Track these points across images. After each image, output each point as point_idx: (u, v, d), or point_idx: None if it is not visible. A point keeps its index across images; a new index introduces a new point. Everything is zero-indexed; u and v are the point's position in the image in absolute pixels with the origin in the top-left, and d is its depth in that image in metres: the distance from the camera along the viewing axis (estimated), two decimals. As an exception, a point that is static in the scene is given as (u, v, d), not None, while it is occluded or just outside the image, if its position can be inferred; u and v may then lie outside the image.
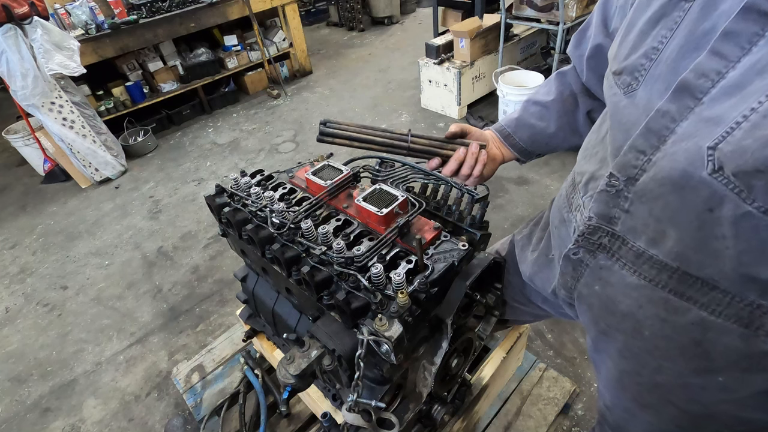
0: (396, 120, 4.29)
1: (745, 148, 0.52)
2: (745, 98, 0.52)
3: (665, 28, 0.64)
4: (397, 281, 0.93)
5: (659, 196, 0.64)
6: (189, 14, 4.25)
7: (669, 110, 0.61)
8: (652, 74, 0.65)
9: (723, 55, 0.55)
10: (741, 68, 0.53)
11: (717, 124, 0.55)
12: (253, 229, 1.10)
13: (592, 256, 0.78)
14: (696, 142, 0.57)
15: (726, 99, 0.55)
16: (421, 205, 1.12)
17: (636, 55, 0.68)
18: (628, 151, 0.67)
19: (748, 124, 0.52)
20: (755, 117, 0.51)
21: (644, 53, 0.66)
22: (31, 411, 2.19)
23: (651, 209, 0.66)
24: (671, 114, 0.60)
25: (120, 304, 2.71)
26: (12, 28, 3.06)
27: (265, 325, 1.59)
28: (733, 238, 0.57)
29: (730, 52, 0.54)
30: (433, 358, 1.11)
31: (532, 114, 1.10)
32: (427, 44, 4.02)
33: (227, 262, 2.89)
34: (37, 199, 3.88)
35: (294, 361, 0.95)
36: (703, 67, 0.57)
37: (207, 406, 1.80)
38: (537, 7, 3.45)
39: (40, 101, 3.35)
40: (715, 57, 0.56)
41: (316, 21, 7.65)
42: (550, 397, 1.70)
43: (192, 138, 4.52)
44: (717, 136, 0.55)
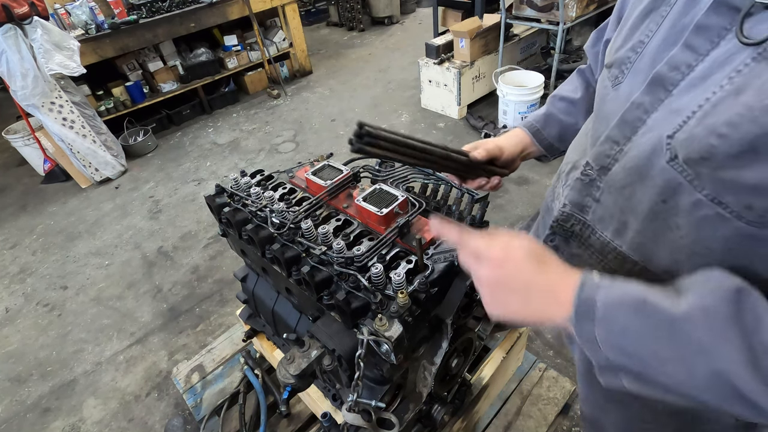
0: (396, 120, 4.29)
1: (695, 136, 0.53)
2: (705, 89, 0.54)
3: (653, 22, 0.65)
4: (397, 281, 0.93)
5: (625, 186, 0.65)
6: (189, 14, 4.25)
7: (643, 102, 0.62)
8: (636, 67, 0.66)
9: (694, 48, 0.56)
10: (708, 61, 0.55)
11: (678, 114, 0.57)
12: (253, 229, 1.10)
13: (566, 243, 0.80)
14: (659, 132, 0.59)
15: (691, 90, 0.56)
16: (421, 205, 1.12)
17: (625, 48, 0.69)
18: (604, 142, 0.69)
19: (701, 114, 0.53)
20: (707, 106, 0.53)
21: (632, 47, 0.67)
22: (31, 411, 2.19)
23: (617, 199, 0.67)
24: (644, 106, 0.62)
25: (120, 304, 2.71)
26: (12, 28, 3.06)
27: (265, 325, 1.59)
28: (687, 228, 0.58)
29: (701, 45, 0.56)
30: (433, 358, 1.11)
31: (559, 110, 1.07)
32: (427, 44, 4.02)
33: (227, 262, 2.89)
34: (37, 199, 3.88)
35: (294, 361, 0.95)
36: (676, 60, 0.58)
37: (207, 406, 1.80)
38: (537, 7, 3.45)
39: (40, 101, 3.35)
40: (687, 50, 0.57)
41: (316, 21, 7.66)
42: (550, 397, 1.70)
43: (192, 138, 4.52)
44: (675, 126, 0.56)
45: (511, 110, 3.58)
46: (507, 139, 1.03)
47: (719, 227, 0.55)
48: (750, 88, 0.49)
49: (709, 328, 0.48)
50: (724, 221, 0.54)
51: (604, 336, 0.54)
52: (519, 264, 0.60)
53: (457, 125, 4.05)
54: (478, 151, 0.94)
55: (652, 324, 0.52)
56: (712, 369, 0.48)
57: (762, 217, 0.51)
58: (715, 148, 0.51)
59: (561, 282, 0.59)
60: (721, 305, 0.48)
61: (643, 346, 0.53)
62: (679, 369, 0.51)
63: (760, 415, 0.49)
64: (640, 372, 0.55)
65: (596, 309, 0.54)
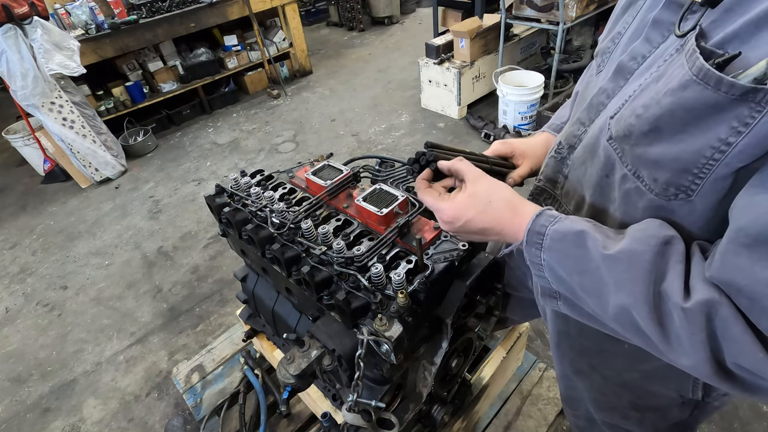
0: (396, 120, 4.29)
1: (622, 117, 0.60)
2: (643, 77, 0.60)
3: (630, 15, 0.70)
4: (397, 281, 0.93)
5: (583, 163, 0.72)
6: (189, 14, 4.25)
7: (607, 88, 0.68)
8: (612, 57, 0.71)
9: (650, 40, 0.62)
10: (656, 52, 0.60)
11: (622, 98, 0.63)
12: (253, 229, 1.10)
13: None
14: (608, 113, 0.65)
15: (638, 78, 0.62)
16: (421, 205, 1.12)
17: (607, 39, 0.74)
18: (574, 123, 0.76)
19: (632, 98, 0.60)
20: (638, 91, 0.60)
21: (612, 38, 0.73)
22: (31, 411, 2.19)
23: (578, 175, 0.75)
24: (608, 92, 0.68)
25: (120, 304, 2.71)
26: (12, 28, 3.06)
27: (265, 325, 1.59)
28: (618, 200, 0.65)
29: (655, 38, 0.61)
30: (433, 358, 1.11)
31: None
32: (427, 44, 4.02)
33: (227, 262, 2.89)
34: (37, 199, 3.88)
35: (294, 361, 0.95)
36: (635, 51, 0.64)
37: (207, 406, 1.80)
38: (537, 7, 3.45)
39: (40, 101, 3.35)
40: (645, 42, 0.63)
41: (316, 21, 7.65)
42: (550, 397, 1.70)
43: (192, 138, 4.52)
44: (617, 108, 0.63)
45: (511, 110, 3.58)
46: (527, 140, 1.01)
47: (638, 199, 0.62)
48: (665, 75, 0.55)
49: (627, 269, 0.57)
50: (641, 194, 0.61)
51: (548, 262, 0.65)
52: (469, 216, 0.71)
53: (457, 125, 4.05)
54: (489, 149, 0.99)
55: (584, 257, 0.61)
56: (619, 304, 0.58)
57: (666, 190, 0.57)
58: (633, 126, 0.58)
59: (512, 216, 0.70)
60: (645, 252, 0.56)
61: (573, 275, 0.63)
62: (595, 300, 0.62)
63: (653, 349, 0.59)
64: (569, 298, 0.69)
65: (545, 237, 0.64)
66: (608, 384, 0.91)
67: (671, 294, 0.53)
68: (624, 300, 0.57)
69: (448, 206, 0.72)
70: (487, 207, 0.70)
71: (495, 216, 0.70)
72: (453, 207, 0.72)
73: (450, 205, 0.72)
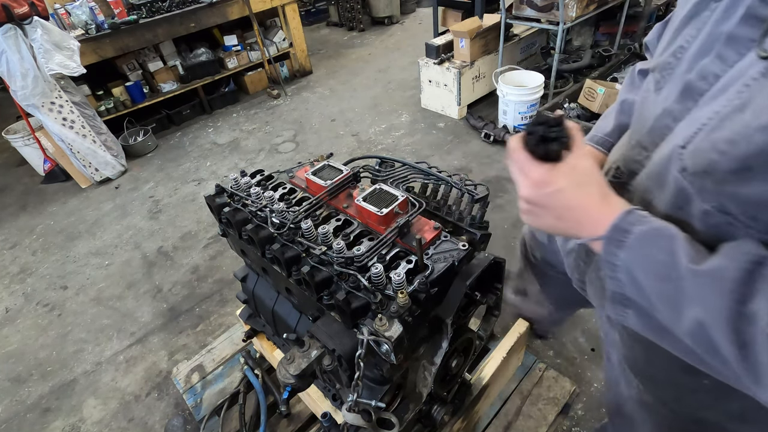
0: (396, 120, 4.29)
1: (700, 150, 0.54)
2: (719, 102, 0.54)
3: (694, 28, 0.63)
4: (397, 281, 0.93)
5: (647, 191, 0.67)
6: (189, 14, 4.25)
7: (673, 110, 0.62)
8: (675, 73, 0.64)
9: (724, 58, 0.55)
10: (731, 72, 0.54)
11: (693, 125, 0.57)
12: (253, 229, 1.10)
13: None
14: (677, 141, 0.59)
15: (711, 102, 0.56)
16: (421, 205, 1.12)
17: (667, 52, 0.68)
18: (634, 146, 0.70)
19: (709, 127, 0.54)
20: (716, 120, 0.53)
21: (673, 52, 0.66)
22: (31, 411, 2.19)
23: (643, 204, 0.68)
24: (674, 114, 0.62)
25: (120, 304, 2.71)
26: (12, 28, 3.06)
27: (265, 325, 1.59)
28: (704, 232, 0.59)
29: (729, 56, 0.55)
30: (433, 358, 1.11)
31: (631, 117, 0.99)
32: (427, 44, 4.02)
33: (227, 262, 2.88)
34: (37, 199, 3.88)
35: (294, 361, 0.95)
36: (706, 70, 0.57)
37: (207, 406, 1.80)
38: (537, 7, 3.45)
39: (40, 101, 3.35)
40: (717, 60, 0.56)
41: (316, 21, 7.65)
42: (550, 397, 1.70)
43: (192, 138, 4.52)
44: (687, 137, 0.57)
45: (511, 110, 3.58)
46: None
47: (732, 232, 0.55)
48: (752, 104, 0.48)
49: (711, 282, 0.51)
50: (735, 228, 0.55)
51: (625, 263, 0.59)
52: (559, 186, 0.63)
53: (457, 125, 4.05)
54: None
55: (670, 263, 0.55)
56: (696, 318, 0.53)
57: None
58: (716, 163, 0.51)
59: (598, 204, 0.62)
60: (733, 269, 0.50)
61: (653, 281, 0.58)
62: (671, 311, 0.57)
63: (733, 377, 0.53)
64: (642, 307, 0.62)
65: (629, 235, 0.58)
66: (679, 419, 0.83)
67: (760, 317, 0.47)
68: (702, 315, 0.52)
69: (543, 169, 0.63)
70: (582, 183, 0.62)
71: (585, 196, 0.62)
72: (546, 171, 0.63)
73: (544, 169, 0.63)
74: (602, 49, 4.26)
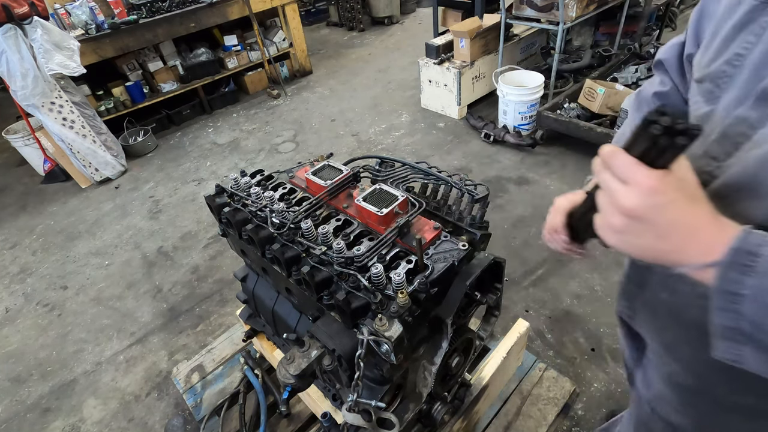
0: (396, 120, 4.29)
1: None
2: None
3: (751, 34, 0.61)
4: (397, 281, 0.93)
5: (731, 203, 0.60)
6: (189, 14, 4.25)
7: (748, 117, 0.59)
8: (735, 81, 0.63)
9: None
10: None
11: None
12: (253, 229, 1.10)
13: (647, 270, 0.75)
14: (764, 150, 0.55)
15: None
16: (421, 205, 1.12)
17: (719, 62, 0.65)
18: (701, 157, 0.65)
19: None
20: None
21: (727, 60, 0.64)
22: (31, 411, 2.19)
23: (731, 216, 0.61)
24: (750, 121, 0.59)
25: (120, 304, 2.71)
26: (12, 28, 3.06)
27: (265, 325, 1.59)
28: None
29: None
30: (433, 358, 1.11)
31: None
32: (427, 44, 4.02)
33: (227, 262, 2.88)
34: (37, 199, 3.88)
35: (294, 361, 0.95)
36: None
37: (207, 406, 1.80)
38: (537, 7, 3.45)
39: (40, 101, 3.35)
40: None
41: (316, 21, 7.65)
42: (550, 397, 1.70)
43: (192, 138, 4.52)
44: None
45: (511, 110, 3.58)
46: None
47: None
48: None
49: None
50: None
51: (755, 292, 0.49)
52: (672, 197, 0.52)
53: (457, 125, 4.05)
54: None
55: None
56: None
57: None
58: None
59: (709, 224, 0.53)
60: None
61: None
62: None
63: None
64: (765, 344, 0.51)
65: (759, 260, 0.49)
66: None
67: None
68: None
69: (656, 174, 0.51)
70: (694, 198, 0.53)
71: (697, 213, 0.53)
72: (660, 177, 0.51)
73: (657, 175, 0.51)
74: (602, 49, 4.26)
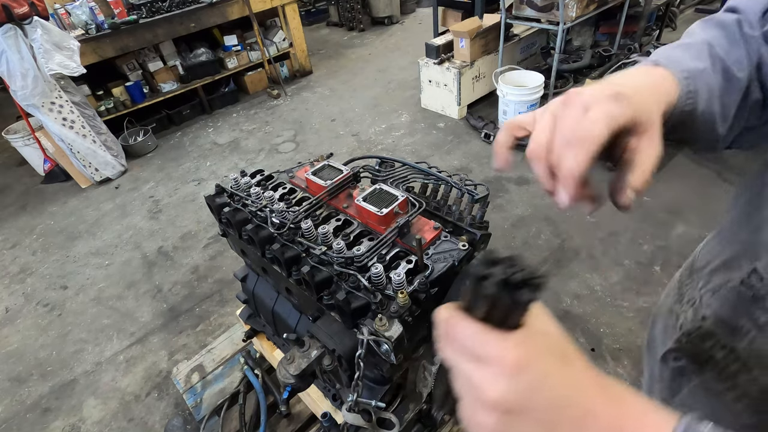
0: (396, 120, 4.29)
1: None
2: None
3: None
4: (397, 281, 0.93)
5: None
6: (189, 14, 4.25)
7: None
8: None
9: None
10: None
11: None
12: (253, 229, 1.10)
13: (697, 370, 0.57)
14: None
15: None
16: (421, 205, 1.12)
17: None
18: None
19: None
20: None
21: None
22: (31, 411, 2.19)
23: None
24: None
25: (120, 304, 2.71)
26: (12, 28, 3.06)
27: (265, 325, 1.59)
28: None
29: None
30: (433, 358, 1.11)
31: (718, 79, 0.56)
32: (427, 44, 4.02)
33: (227, 262, 2.88)
34: (37, 199, 3.88)
35: (294, 361, 0.95)
36: None
37: (207, 406, 1.80)
38: (537, 7, 3.45)
39: (40, 101, 3.35)
40: None
41: (316, 21, 7.65)
42: (550, 397, 1.70)
43: (192, 138, 4.52)
44: None
45: (511, 110, 3.58)
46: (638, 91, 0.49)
47: None
48: None
49: None
50: None
51: None
52: (543, 369, 0.35)
53: (457, 125, 4.05)
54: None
55: None
56: None
57: None
58: None
59: (602, 398, 0.35)
60: None
61: None
62: None
63: None
64: None
65: None
66: None
67: None
68: None
69: (512, 341, 0.35)
70: (567, 360, 0.36)
71: (580, 383, 0.36)
72: (517, 343, 0.35)
73: (514, 341, 0.35)
74: (602, 49, 4.26)
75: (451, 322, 0.38)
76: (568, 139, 0.45)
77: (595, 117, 0.44)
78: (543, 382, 0.34)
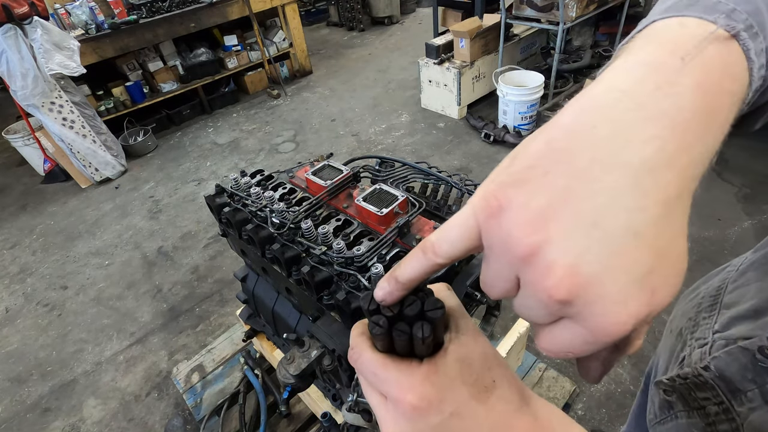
0: (396, 120, 4.29)
1: None
2: None
3: None
4: (397, 281, 0.93)
5: None
6: (189, 14, 4.25)
7: None
8: None
9: None
10: None
11: None
12: (253, 229, 1.10)
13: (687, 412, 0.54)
14: None
15: None
16: (421, 205, 1.12)
17: None
18: None
19: None
20: None
21: None
22: (31, 411, 2.19)
23: None
24: None
25: (120, 304, 2.71)
26: (12, 28, 3.06)
27: (265, 325, 1.59)
28: None
29: None
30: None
31: None
32: (427, 44, 4.02)
33: (227, 262, 2.88)
34: (37, 199, 3.88)
35: (294, 361, 0.95)
36: None
37: (207, 406, 1.80)
38: (537, 7, 3.45)
39: (40, 101, 3.35)
40: None
41: (316, 21, 7.65)
42: (550, 397, 1.70)
43: (192, 138, 4.52)
44: None
45: (511, 110, 3.58)
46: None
47: None
48: None
49: None
50: None
51: None
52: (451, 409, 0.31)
53: (457, 125, 4.05)
54: None
55: None
56: None
57: None
58: None
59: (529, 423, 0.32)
60: None
61: None
62: None
63: None
64: None
65: None
66: None
67: None
68: None
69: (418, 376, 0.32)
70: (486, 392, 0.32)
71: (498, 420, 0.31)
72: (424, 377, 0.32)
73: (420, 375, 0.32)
74: (602, 49, 4.27)
75: (356, 350, 0.35)
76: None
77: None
78: (449, 424, 0.31)
